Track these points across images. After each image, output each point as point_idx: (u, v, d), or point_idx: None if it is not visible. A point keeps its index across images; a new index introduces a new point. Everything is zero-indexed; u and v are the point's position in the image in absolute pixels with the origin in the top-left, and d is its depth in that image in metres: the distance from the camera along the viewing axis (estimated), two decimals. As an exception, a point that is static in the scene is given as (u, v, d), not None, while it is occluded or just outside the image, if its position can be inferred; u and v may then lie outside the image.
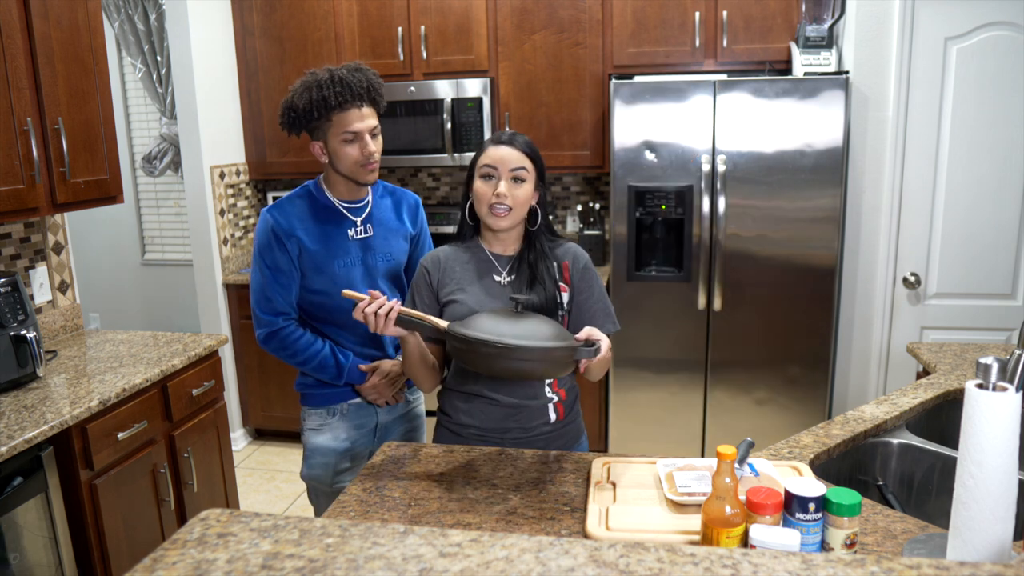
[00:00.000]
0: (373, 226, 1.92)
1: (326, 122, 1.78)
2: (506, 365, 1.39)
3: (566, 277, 1.69)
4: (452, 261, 1.71)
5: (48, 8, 2.26)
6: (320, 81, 1.75)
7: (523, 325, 1.43)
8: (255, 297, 1.87)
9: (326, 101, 1.74)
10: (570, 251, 1.72)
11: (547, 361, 1.40)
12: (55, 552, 2.00)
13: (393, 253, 1.95)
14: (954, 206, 3.02)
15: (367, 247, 1.91)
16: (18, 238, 2.60)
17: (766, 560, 0.77)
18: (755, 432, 3.13)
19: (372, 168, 1.83)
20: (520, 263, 1.68)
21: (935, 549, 1.19)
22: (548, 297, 1.63)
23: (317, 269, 1.85)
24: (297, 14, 3.65)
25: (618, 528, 1.28)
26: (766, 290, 3.09)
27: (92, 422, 2.05)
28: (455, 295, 1.67)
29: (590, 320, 1.69)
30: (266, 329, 1.87)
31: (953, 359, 2.20)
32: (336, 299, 1.84)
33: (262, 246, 1.85)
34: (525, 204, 1.63)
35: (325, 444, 1.97)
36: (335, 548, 0.80)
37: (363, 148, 1.80)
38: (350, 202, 1.90)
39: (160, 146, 4.34)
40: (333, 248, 1.86)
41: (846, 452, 1.68)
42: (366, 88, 1.78)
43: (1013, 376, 1.26)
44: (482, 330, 1.41)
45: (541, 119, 3.52)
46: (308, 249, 1.84)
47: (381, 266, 1.93)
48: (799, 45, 3.12)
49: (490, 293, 1.66)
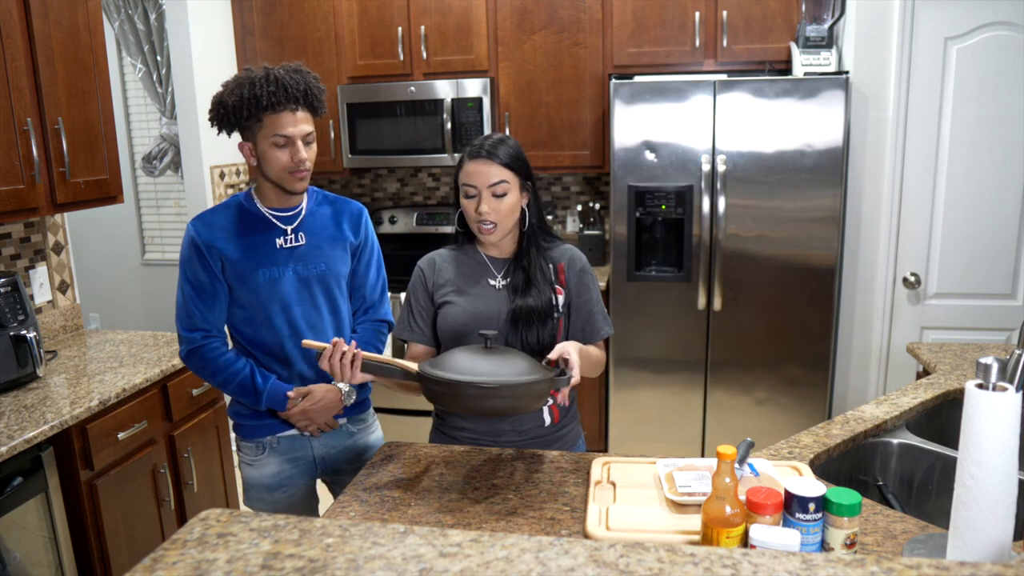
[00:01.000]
0: (306, 235, 1.80)
1: (256, 122, 1.67)
2: (488, 404, 1.37)
3: (561, 280, 1.67)
4: (447, 263, 1.70)
5: (48, 8, 2.26)
6: (254, 79, 1.65)
7: (496, 361, 1.41)
8: (177, 313, 1.78)
9: (258, 100, 1.64)
10: (566, 253, 1.70)
11: (528, 396, 1.39)
12: (55, 552, 2.00)
13: (328, 262, 1.82)
14: (954, 206, 3.02)
15: (298, 256, 1.79)
16: (18, 238, 2.60)
17: (766, 560, 0.77)
18: (755, 432, 3.13)
19: (301, 176, 1.72)
20: (515, 266, 1.66)
21: (935, 549, 1.19)
22: (543, 300, 1.62)
23: (241, 280, 1.75)
24: (297, 14, 3.65)
25: (618, 528, 1.28)
26: (766, 290, 3.09)
27: (92, 422, 2.05)
28: (449, 297, 1.66)
29: (587, 322, 1.68)
30: (186, 346, 1.77)
31: (953, 359, 2.20)
32: (259, 312, 1.77)
33: (183, 260, 1.76)
34: (512, 213, 1.61)
35: (258, 480, 1.85)
36: (335, 548, 0.80)
37: (294, 154, 1.69)
38: (280, 210, 1.79)
39: (160, 146, 4.34)
40: (258, 258, 1.75)
41: (846, 452, 1.68)
42: (303, 91, 1.68)
43: (1013, 376, 1.26)
44: (457, 370, 1.38)
45: (541, 119, 3.52)
46: (230, 260, 1.74)
47: (315, 277, 1.80)
48: (799, 45, 3.12)
49: (485, 297, 1.65)
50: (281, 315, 1.78)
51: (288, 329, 1.78)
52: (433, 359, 1.47)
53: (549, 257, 1.68)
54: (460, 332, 1.63)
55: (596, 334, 1.70)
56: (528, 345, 1.60)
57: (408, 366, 1.48)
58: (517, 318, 1.60)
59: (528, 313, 1.60)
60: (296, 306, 1.78)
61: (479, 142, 1.61)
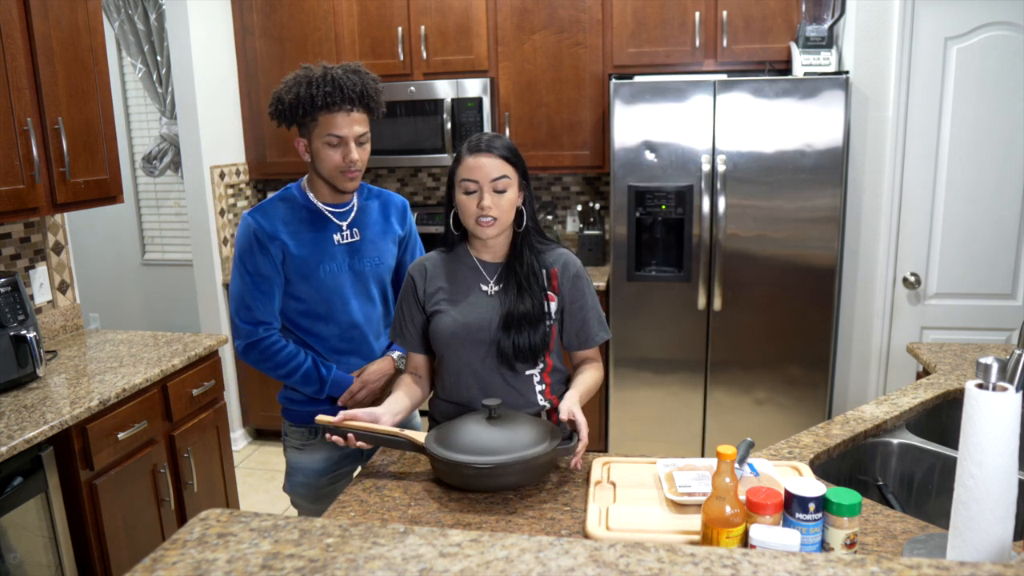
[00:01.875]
0: (360, 230, 1.84)
1: (311, 121, 1.70)
2: (488, 483, 1.41)
3: (554, 285, 1.65)
4: (439, 269, 1.67)
5: (48, 8, 2.26)
6: (312, 78, 1.67)
7: (501, 432, 1.44)
8: (235, 305, 1.78)
9: (313, 100, 1.66)
10: (560, 258, 1.67)
11: (529, 471, 1.41)
12: (55, 552, 2.00)
13: (382, 257, 1.87)
14: (954, 206, 3.02)
15: (354, 252, 1.83)
16: (18, 238, 2.60)
17: (766, 560, 0.77)
18: (755, 432, 3.13)
19: (352, 176, 1.75)
20: (507, 271, 1.64)
21: (935, 549, 1.19)
22: (535, 306, 1.60)
23: (302, 275, 1.77)
24: (297, 14, 3.65)
25: (618, 528, 1.28)
26: (766, 290, 3.09)
27: (92, 422, 2.05)
28: (441, 306, 1.64)
29: (581, 328, 1.67)
30: (245, 340, 1.78)
31: (953, 359, 2.20)
32: (319, 306, 1.79)
33: (243, 251, 1.76)
34: (511, 209, 1.60)
35: (307, 465, 1.89)
36: (335, 548, 0.80)
37: (346, 155, 1.71)
38: (334, 206, 1.82)
39: (160, 146, 4.34)
40: (319, 253, 1.78)
41: (846, 452, 1.68)
42: (359, 92, 1.69)
43: (1013, 376, 1.26)
44: (459, 444, 1.42)
45: (541, 119, 3.52)
46: (292, 254, 1.76)
47: (369, 271, 1.85)
48: (799, 45, 3.12)
49: (477, 305, 1.63)
50: (341, 309, 1.82)
51: (348, 322, 1.83)
52: (439, 429, 1.50)
53: (543, 260, 1.65)
54: (450, 343, 1.63)
55: (590, 340, 1.68)
56: (520, 350, 1.59)
57: (415, 439, 1.51)
58: (509, 324, 1.59)
59: (520, 319, 1.59)
60: (353, 299, 1.82)
61: (475, 138, 1.60)
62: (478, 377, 1.64)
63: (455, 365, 1.65)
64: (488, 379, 1.64)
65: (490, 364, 1.63)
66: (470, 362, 1.63)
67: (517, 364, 1.62)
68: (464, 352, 1.63)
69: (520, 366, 1.63)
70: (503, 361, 1.61)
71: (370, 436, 1.53)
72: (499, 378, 1.64)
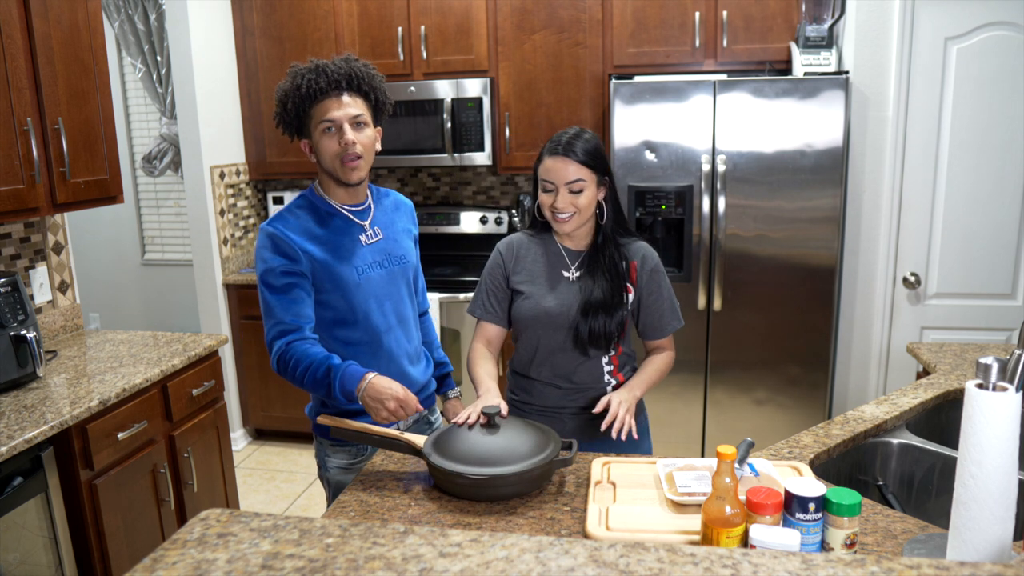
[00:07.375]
0: (381, 229, 1.77)
1: (306, 117, 1.65)
2: (481, 493, 1.41)
3: (632, 278, 1.73)
4: (525, 250, 1.77)
5: (48, 8, 2.26)
6: (299, 71, 1.64)
7: (501, 441, 1.44)
8: (267, 324, 1.66)
9: (299, 89, 1.62)
10: (640, 251, 1.76)
11: (523, 482, 1.41)
12: (55, 552, 2.00)
13: (406, 254, 1.81)
14: (954, 206, 3.02)
15: (382, 251, 1.76)
16: (18, 238, 2.60)
17: (766, 560, 0.77)
18: (755, 432, 3.13)
19: (353, 165, 1.64)
20: (590, 259, 1.73)
21: (935, 549, 1.19)
22: (614, 296, 1.68)
23: (333, 282, 1.67)
24: (297, 14, 3.65)
25: (618, 528, 1.28)
26: (766, 290, 3.09)
27: (92, 422, 2.05)
28: (523, 286, 1.74)
29: (658, 319, 1.77)
30: (276, 354, 1.65)
31: (953, 359, 2.20)
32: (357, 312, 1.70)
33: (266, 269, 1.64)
34: (588, 207, 1.67)
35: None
36: (335, 548, 0.80)
37: (341, 137, 1.62)
38: (352, 206, 1.74)
39: (160, 146, 4.34)
40: (347, 258, 1.69)
41: (846, 452, 1.68)
42: (345, 74, 1.63)
43: (1013, 376, 1.26)
44: (457, 453, 1.42)
45: (541, 119, 3.52)
46: (320, 262, 1.66)
47: (398, 270, 1.78)
48: (799, 45, 3.12)
49: (557, 291, 1.71)
50: (377, 311, 1.73)
51: (384, 324, 1.75)
52: (440, 433, 1.51)
53: (623, 253, 1.73)
54: (531, 324, 1.73)
55: (663, 330, 1.79)
56: (595, 336, 1.68)
57: (414, 443, 1.52)
58: (587, 310, 1.68)
59: (597, 306, 1.67)
60: (387, 300, 1.76)
61: (557, 137, 1.67)
62: (552, 357, 1.74)
63: (532, 344, 1.75)
64: (561, 360, 1.73)
65: (566, 346, 1.72)
66: (547, 343, 1.73)
67: (591, 350, 1.71)
68: (543, 334, 1.72)
69: (594, 352, 1.72)
70: (578, 345, 1.70)
71: (370, 438, 1.53)
72: (572, 359, 1.73)
